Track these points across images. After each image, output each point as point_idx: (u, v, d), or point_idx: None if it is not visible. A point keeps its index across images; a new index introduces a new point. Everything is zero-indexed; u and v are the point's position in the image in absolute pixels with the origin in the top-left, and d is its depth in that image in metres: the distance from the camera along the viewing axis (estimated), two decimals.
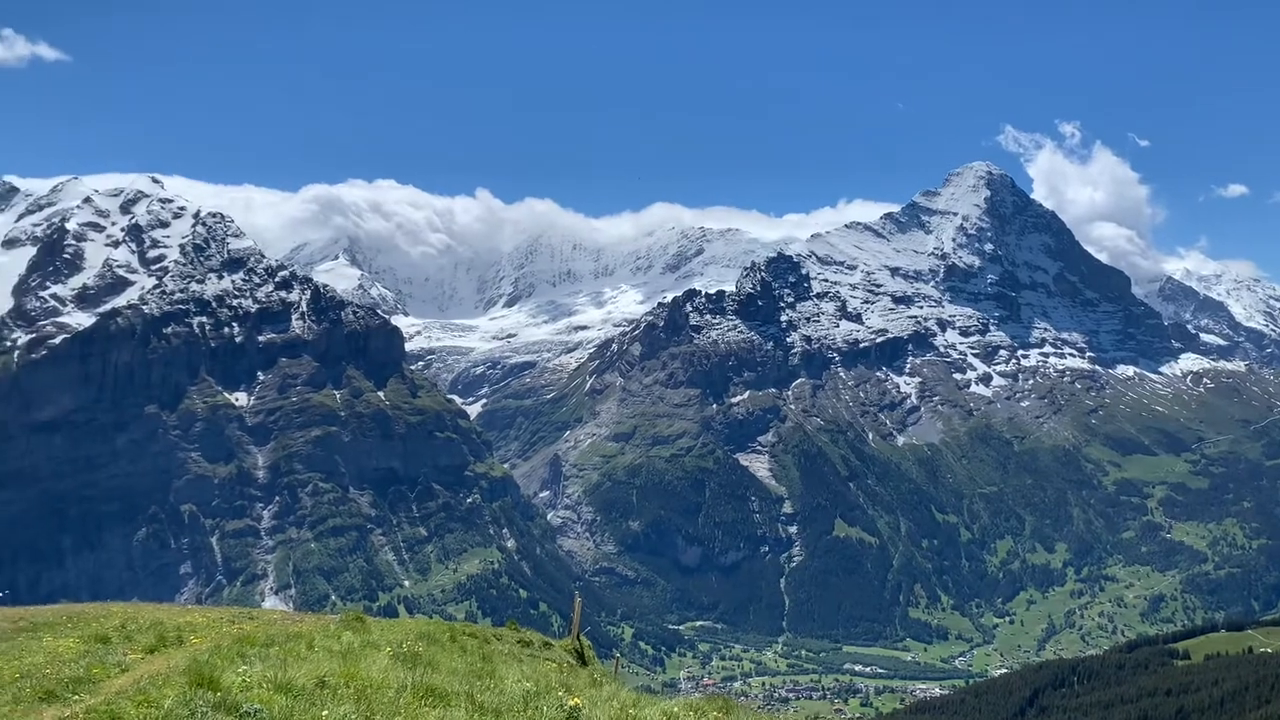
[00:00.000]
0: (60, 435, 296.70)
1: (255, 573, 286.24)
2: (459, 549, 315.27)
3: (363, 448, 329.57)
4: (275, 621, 27.99)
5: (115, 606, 31.37)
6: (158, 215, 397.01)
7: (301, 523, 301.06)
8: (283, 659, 16.74)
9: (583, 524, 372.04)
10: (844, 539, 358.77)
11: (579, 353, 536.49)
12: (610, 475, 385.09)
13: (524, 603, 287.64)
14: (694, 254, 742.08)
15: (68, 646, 21.79)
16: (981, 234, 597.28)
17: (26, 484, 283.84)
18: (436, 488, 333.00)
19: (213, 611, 31.76)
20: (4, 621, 26.70)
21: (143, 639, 22.42)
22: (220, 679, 14.98)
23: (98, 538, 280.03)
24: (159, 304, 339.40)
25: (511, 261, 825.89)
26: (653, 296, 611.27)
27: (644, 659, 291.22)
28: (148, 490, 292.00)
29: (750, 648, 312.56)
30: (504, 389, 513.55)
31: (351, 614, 26.72)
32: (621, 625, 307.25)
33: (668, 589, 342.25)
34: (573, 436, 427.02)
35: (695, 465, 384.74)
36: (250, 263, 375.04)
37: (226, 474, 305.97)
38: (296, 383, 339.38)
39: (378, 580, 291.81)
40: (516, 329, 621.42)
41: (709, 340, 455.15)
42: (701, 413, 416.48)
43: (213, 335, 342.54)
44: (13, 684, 17.34)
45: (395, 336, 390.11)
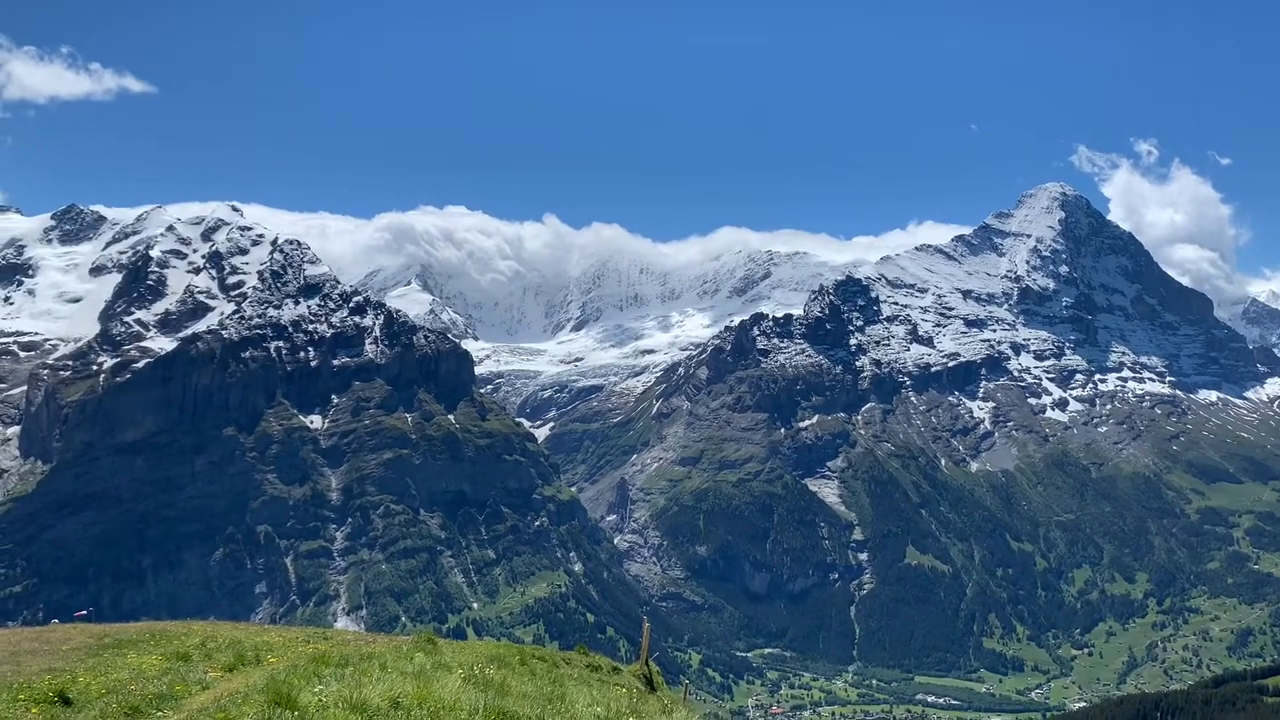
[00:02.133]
0: (142, 457, 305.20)
1: (328, 593, 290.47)
2: (527, 572, 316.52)
3: (433, 470, 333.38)
4: (349, 642, 28.35)
5: (195, 625, 32.06)
6: (237, 243, 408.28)
7: (373, 544, 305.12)
8: (357, 679, 16.93)
9: (649, 548, 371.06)
10: (916, 567, 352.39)
11: (645, 376, 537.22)
12: (677, 500, 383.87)
13: (591, 627, 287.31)
14: (761, 277, 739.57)
15: (151, 663, 22.31)
16: (1056, 256, 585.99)
17: (110, 504, 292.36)
18: (505, 510, 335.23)
19: (288, 631, 32.27)
20: (90, 638, 27.46)
21: (222, 657, 22.86)
22: (297, 698, 15.21)
23: (177, 557, 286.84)
24: (238, 329, 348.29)
25: (579, 286, 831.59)
26: (719, 320, 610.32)
27: (711, 686, 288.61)
28: (225, 511, 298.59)
29: (820, 676, 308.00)
30: (571, 412, 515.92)
31: (423, 635, 26.95)
32: (689, 651, 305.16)
33: (735, 615, 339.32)
34: (639, 460, 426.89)
35: (763, 490, 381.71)
36: (325, 289, 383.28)
37: (301, 495, 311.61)
38: (369, 406, 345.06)
39: (447, 602, 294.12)
40: (584, 353, 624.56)
41: (776, 364, 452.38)
42: (769, 437, 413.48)
43: (289, 359, 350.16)
44: (99, 699, 17.81)
45: (465, 360, 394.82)
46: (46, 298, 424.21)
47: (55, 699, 17.59)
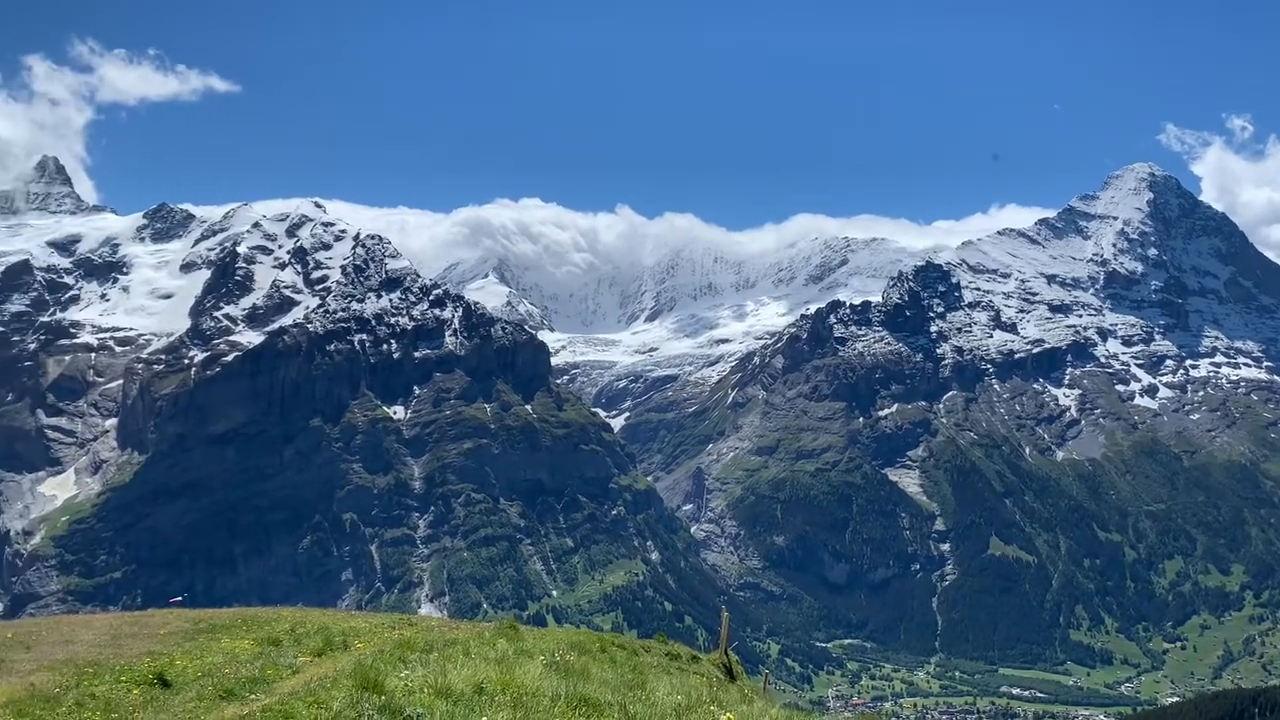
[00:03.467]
0: (232, 447, 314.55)
1: (412, 580, 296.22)
2: (604, 560, 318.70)
3: (512, 459, 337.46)
4: (433, 628, 28.85)
5: (285, 611, 32.96)
6: (320, 238, 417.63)
7: (455, 532, 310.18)
8: (442, 665, 17.21)
9: (726, 538, 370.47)
10: (1000, 557, 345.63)
11: (721, 366, 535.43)
12: (754, 489, 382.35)
13: (669, 616, 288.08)
14: (838, 264, 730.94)
15: (243, 648, 23.01)
16: (1144, 239, 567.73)
17: (202, 493, 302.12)
18: (582, 499, 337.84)
19: (374, 617, 32.99)
20: (186, 623, 28.45)
21: (311, 642, 23.46)
22: (384, 683, 15.54)
23: (266, 545, 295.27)
24: (322, 322, 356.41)
25: (653, 276, 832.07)
26: (795, 308, 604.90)
27: (790, 676, 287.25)
28: (312, 500, 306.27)
29: (901, 667, 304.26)
30: (646, 402, 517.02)
31: (505, 622, 27.32)
32: (767, 641, 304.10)
33: (814, 606, 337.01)
34: (715, 450, 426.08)
35: (841, 480, 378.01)
36: (406, 282, 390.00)
37: (385, 484, 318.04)
38: (449, 397, 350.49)
39: (527, 589, 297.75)
40: (658, 343, 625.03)
41: (854, 352, 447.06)
42: (847, 426, 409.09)
43: (372, 352, 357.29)
44: (196, 682, 18.44)
45: (542, 351, 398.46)
46: (140, 294, 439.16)
47: (154, 681, 18.26)
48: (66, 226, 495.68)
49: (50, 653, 22.99)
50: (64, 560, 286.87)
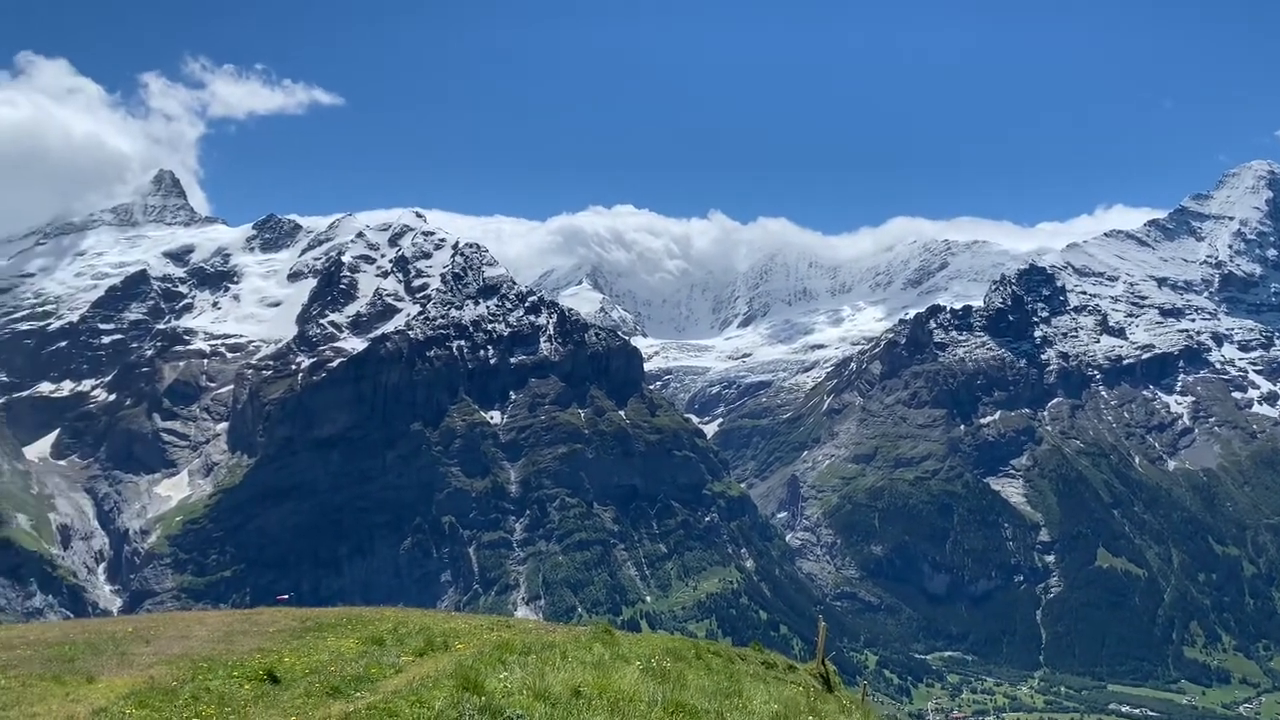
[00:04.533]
0: (337, 451, 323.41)
1: (508, 583, 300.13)
2: (698, 567, 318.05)
3: (605, 465, 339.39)
4: (530, 630, 29.16)
5: (388, 611, 33.71)
6: (421, 247, 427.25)
7: (550, 536, 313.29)
8: (540, 667, 17.39)
9: (822, 546, 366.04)
10: (1108, 570, 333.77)
11: (816, 372, 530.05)
12: (850, 497, 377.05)
13: (764, 624, 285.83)
14: (937, 268, 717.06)
15: (348, 646, 23.61)
16: (1263, 239, 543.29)
17: (308, 495, 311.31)
18: (675, 505, 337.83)
19: (473, 619, 33.50)
20: (294, 621, 29.32)
21: (413, 642, 23.95)
22: (484, 683, 15.78)
23: (369, 546, 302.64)
24: (422, 329, 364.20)
25: (746, 281, 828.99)
26: (893, 313, 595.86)
27: (889, 688, 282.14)
28: (413, 502, 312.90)
29: (1003, 681, 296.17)
30: (740, 408, 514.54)
31: (600, 626, 27.44)
32: (864, 652, 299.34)
33: (913, 617, 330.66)
34: (810, 457, 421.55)
35: (942, 489, 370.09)
36: (503, 289, 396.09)
37: (482, 488, 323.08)
38: (545, 402, 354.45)
39: (621, 595, 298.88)
40: (752, 348, 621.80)
41: (955, 358, 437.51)
42: (948, 434, 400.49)
43: (470, 358, 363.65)
44: (304, 679, 18.98)
45: (635, 357, 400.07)
46: (250, 302, 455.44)
47: (265, 677, 18.86)
48: (181, 237, 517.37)
49: (168, 647, 23.94)
50: (178, 559, 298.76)
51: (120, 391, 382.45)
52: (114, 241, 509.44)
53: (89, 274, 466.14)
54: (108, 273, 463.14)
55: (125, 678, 19.39)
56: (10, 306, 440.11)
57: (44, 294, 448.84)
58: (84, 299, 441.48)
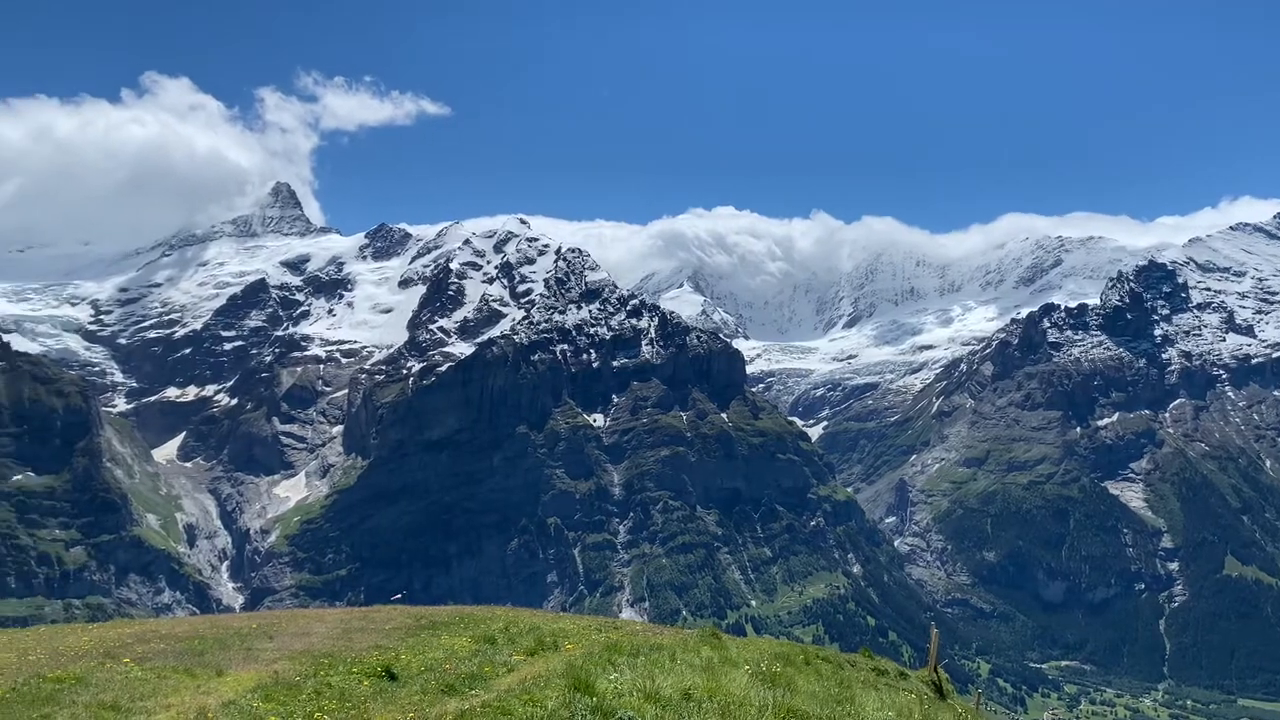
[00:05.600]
0: (446, 453, 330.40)
1: (613, 584, 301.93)
2: (804, 571, 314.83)
3: (708, 468, 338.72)
4: (637, 632, 29.27)
5: (498, 610, 34.30)
6: (525, 253, 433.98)
7: (654, 538, 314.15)
8: (649, 670, 17.43)
9: (932, 552, 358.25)
10: (1237, 578, 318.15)
11: (924, 373, 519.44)
12: (961, 502, 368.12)
13: (872, 630, 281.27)
14: (1051, 265, 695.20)
15: (461, 645, 24.08)
16: None
17: (419, 496, 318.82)
18: (780, 509, 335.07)
19: (580, 619, 33.81)
20: (408, 619, 30.07)
21: (523, 642, 24.30)
22: (595, 684, 15.89)
23: (478, 546, 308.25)
24: (527, 334, 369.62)
25: (851, 282, 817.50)
26: (1005, 313, 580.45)
27: (1002, 697, 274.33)
28: (519, 504, 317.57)
29: (1124, 693, 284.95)
30: (845, 411, 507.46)
31: (708, 630, 27.37)
32: (977, 660, 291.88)
33: (1028, 625, 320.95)
34: (919, 460, 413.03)
35: (1057, 493, 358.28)
36: (604, 293, 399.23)
37: (586, 490, 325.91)
38: (646, 405, 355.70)
39: (725, 598, 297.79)
40: (857, 350, 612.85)
41: (1070, 358, 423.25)
42: (1063, 436, 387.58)
43: (573, 361, 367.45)
44: (419, 676, 19.45)
45: (736, 359, 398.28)
46: (363, 309, 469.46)
47: (382, 673, 19.39)
48: (296, 247, 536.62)
49: (290, 643, 24.81)
50: (296, 558, 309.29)
51: (241, 396, 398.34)
52: (234, 252, 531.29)
53: (211, 283, 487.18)
54: (229, 282, 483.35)
55: (251, 672, 20.16)
56: (139, 315, 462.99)
57: (170, 303, 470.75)
58: (207, 307, 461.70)
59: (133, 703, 16.92)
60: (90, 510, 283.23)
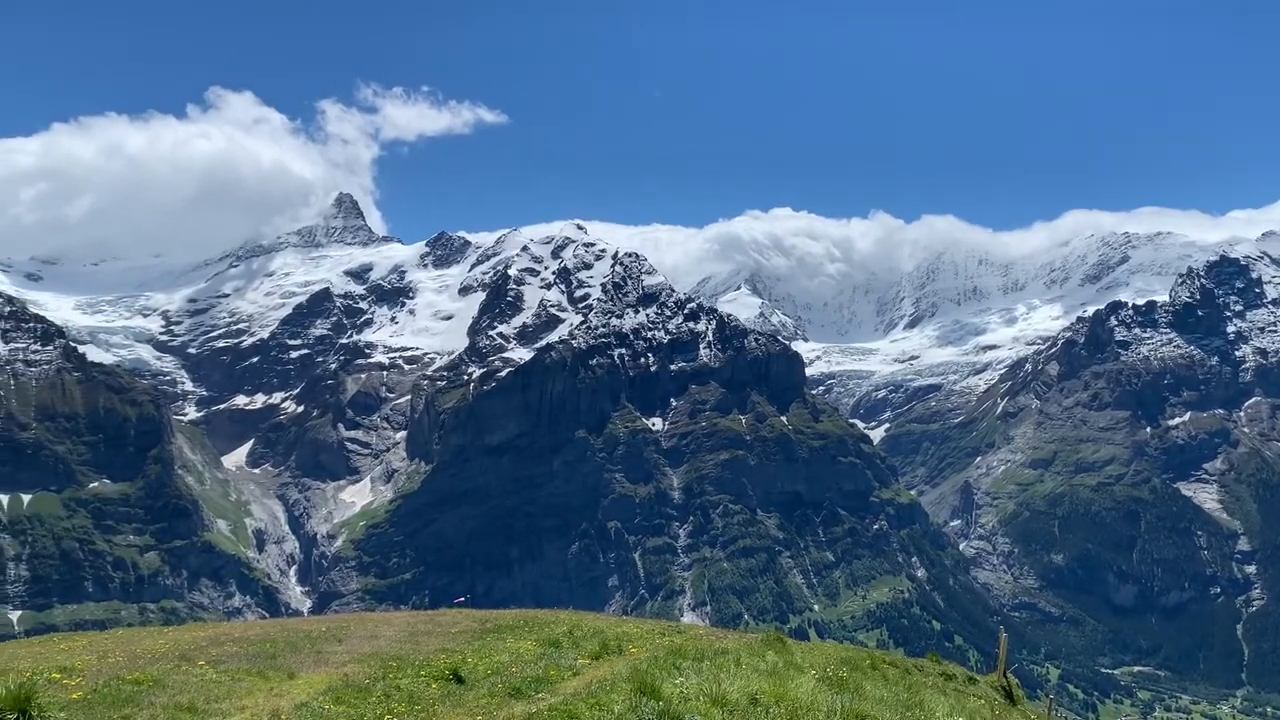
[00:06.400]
0: (507, 457, 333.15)
1: (674, 588, 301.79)
2: (867, 576, 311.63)
3: (768, 471, 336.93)
4: (701, 636, 29.18)
5: (562, 614, 34.44)
6: (582, 258, 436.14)
7: (714, 542, 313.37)
8: (715, 674, 17.35)
9: (999, 555, 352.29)
10: None
11: (988, 374, 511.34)
12: (1028, 504, 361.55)
13: (937, 635, 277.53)
14: (1117, 262, 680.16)
15: (526, 648, 24.22)
16: None
17: (480, 500, 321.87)
18: (842, 513, 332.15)
19: (644, 623, 33.81)
20: (473, 623, 30.32)
21: (588, 645, 24.35)
22: (660, 688, 15.86)
23: (538, 550, 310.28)
24: (585, 339, 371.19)
25: (912, 282, 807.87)
26: (1071, 311, 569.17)
27: (1073, 703, 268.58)
28: (579, 508, 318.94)
29: (1201, 700, 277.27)
30: (907, 413, 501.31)
31: (772, 634, 27.18)
32: (1046, 665, 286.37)
33: (1098, 629, 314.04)
34: (984, 463, 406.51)
35: (1127, 495, 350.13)
36: (662, 297, 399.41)
37: (646, 494, 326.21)
38: (705, 408, 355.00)
39: (787, 602, 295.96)
40: (919, 351, 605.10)
41: (1139, 356, 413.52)
42: (1132, 437, 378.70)
43: (631, 365, 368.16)
44: (486, 679, 19.60)
45: (795, 362, 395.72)
46: (424, 316, 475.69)
47: (450, 676, 19.57)
48: (359, 257, 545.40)
49: (359, 646, 25.17)
50: (362, 562, 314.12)
51: (307, 403, 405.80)
52: (300, 262, 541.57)
53: (277, 293, 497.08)
54: (294, 292, 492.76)
55: (322, 674, 20.49)
56: (208, 325, 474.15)
57: (237, 313, 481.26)
58: (273, 317, 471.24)
59: (208, 704, 17.29)
60: (163, 516, 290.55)
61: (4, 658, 23.89)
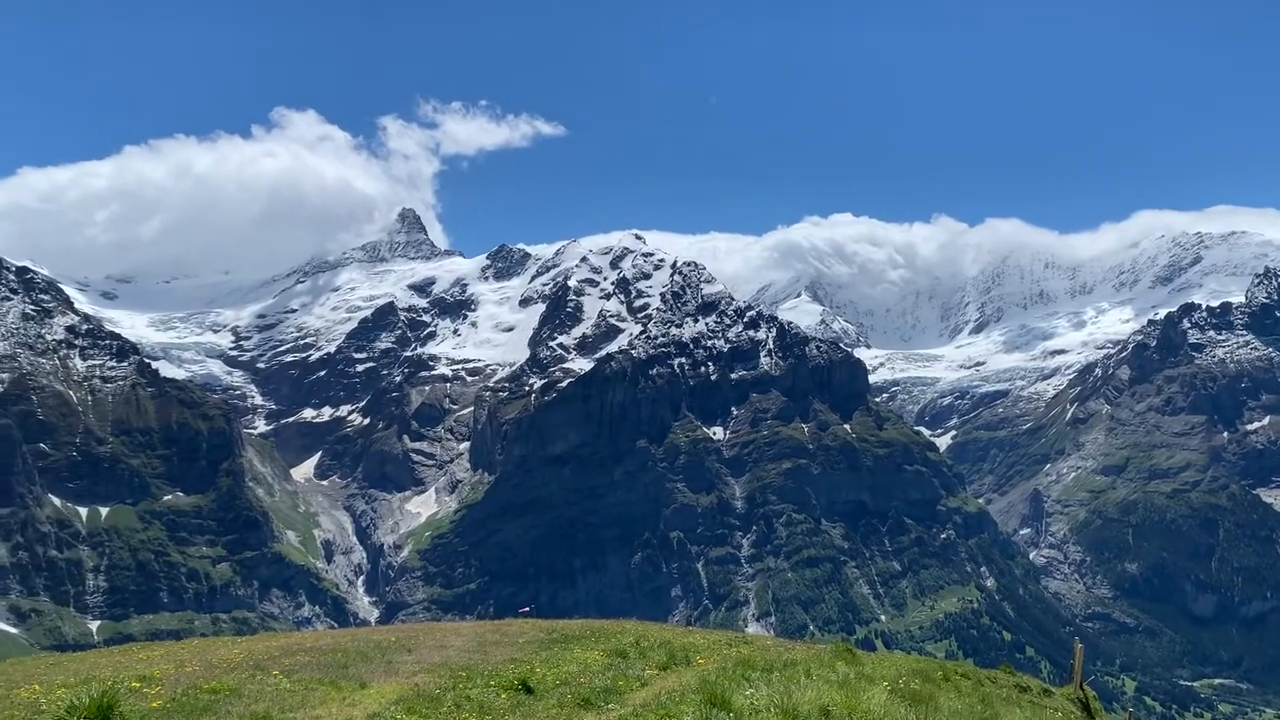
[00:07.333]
0: (568, 467, 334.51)
1: (738, 599, 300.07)
2: (935, 586, 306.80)
3: (832, 480, 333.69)
4: (768, 647, 28.93)
5: (627, 624, 34.38)
6: (641, 268, 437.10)
7: (778, 552, 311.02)
8: (785, 685, 17.16)
9: (1070, 564, 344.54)
10: None
11: (1057, 379, 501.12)
12: (1100, 512, 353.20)
13: (1008, 646, 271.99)
14: (1189, 263, 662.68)
15: (594, 659, 24.20)
16: None
17: (544, 511, 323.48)
18: (908, 522, 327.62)
19: (710, 634, 33.61)
20: (540, 633, 30.44)
21: (655, 656, 24.26)
22: (730, 700, 15.73)
23: (601, 560, 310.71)
24: (645, 348, 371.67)
25: (976, 286, 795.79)
26: (1141, 314, 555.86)
27: (1150, 717, 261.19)
28: (641, 517, 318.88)
29: None
30: (974, 420, 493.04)
31: (841, 645, 26.86)
32: (1121, 677, 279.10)
33: (1175, 640, 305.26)
34: (1054, 470, 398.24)
35: (1204, 502, 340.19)
36: (721, 306, 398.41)
37: (708, 503, 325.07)
38: (766, 417, 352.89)
39: (854, 613, 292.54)
40: (985, 356, 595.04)
41: (1214, 359, 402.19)
42: (1208, 442, 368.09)
43: (691, 375, 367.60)
44: (555, 689, 19.62)
45: (858, 369, 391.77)
46: (486, 328, 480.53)
47: (519, 686, 19.64)
48: (422, 271, 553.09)
49: (428, 656, 25.40)
50: (428, 572, 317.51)
51: (373, 415, 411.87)
52: (364, 277, 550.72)
53: (343, 308, 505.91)
54: (359, 306, 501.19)
55: (393, 684, 20.69)
56: (276, 340, 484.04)
57: (305, 328, 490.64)
58: (339, 331, 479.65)
59: (283, 714, 17.55)
60: (235, 528, 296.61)
61: (86, 666, 24.54)
